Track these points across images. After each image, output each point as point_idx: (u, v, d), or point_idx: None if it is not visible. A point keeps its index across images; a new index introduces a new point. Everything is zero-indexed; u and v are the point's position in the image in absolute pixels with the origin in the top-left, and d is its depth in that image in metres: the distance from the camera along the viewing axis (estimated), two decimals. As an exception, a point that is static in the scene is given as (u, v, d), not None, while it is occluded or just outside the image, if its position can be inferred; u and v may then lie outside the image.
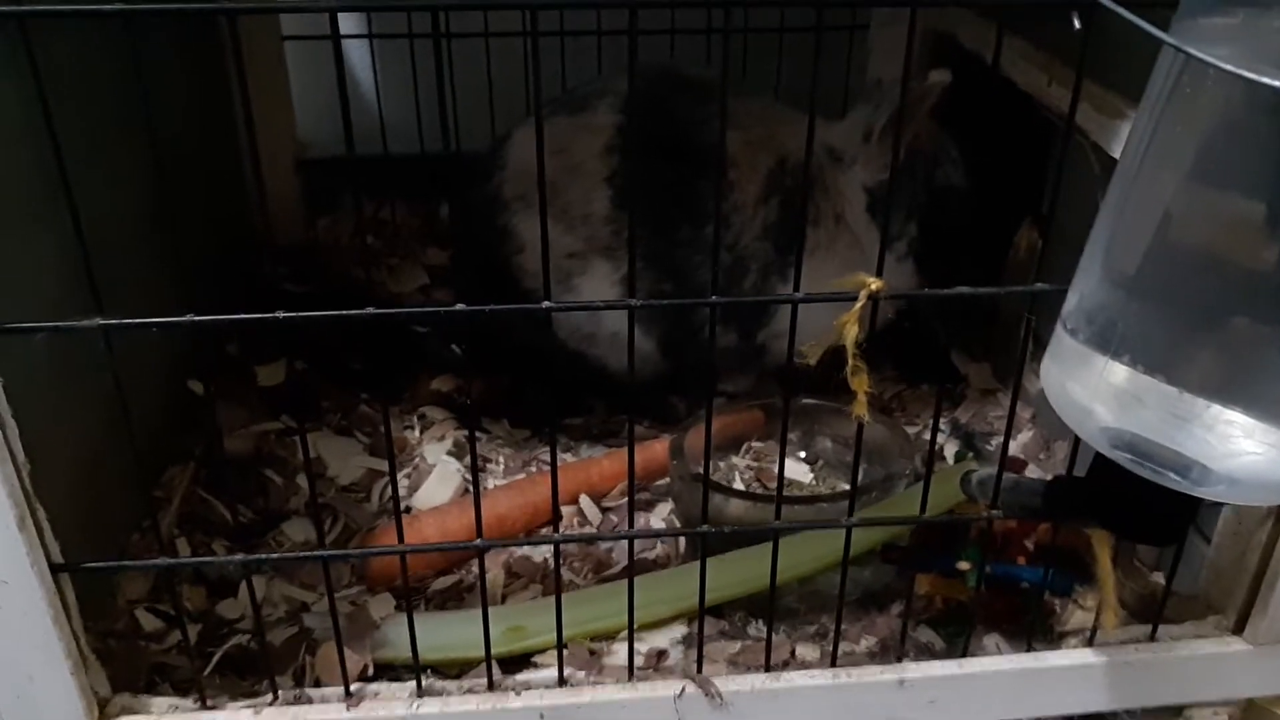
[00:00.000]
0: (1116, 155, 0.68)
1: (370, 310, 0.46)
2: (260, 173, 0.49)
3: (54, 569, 0.50)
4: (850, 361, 0.48)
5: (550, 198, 0.84)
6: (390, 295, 1.08)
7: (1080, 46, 0.45)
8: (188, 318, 0.44)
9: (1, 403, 0.46)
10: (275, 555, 0.67)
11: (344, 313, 0.46)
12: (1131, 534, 0.49)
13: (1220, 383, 0.43)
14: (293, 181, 1.13)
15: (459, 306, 0.46)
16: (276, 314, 0.45)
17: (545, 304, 0.47)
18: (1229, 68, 0.33)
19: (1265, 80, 0.32)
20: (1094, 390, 0.45)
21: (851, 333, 0.48)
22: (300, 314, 0.45)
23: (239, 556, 0.51)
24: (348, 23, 1.12)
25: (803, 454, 0.83)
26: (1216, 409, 0.43)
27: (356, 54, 1.14)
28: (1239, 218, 0.42)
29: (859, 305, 0.47)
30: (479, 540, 0.52)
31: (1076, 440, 0.52)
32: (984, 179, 0.88)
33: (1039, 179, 0.88)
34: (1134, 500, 0.47)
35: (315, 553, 0.51)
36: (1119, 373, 0.44)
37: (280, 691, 0.55)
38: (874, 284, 0.47)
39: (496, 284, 0.90)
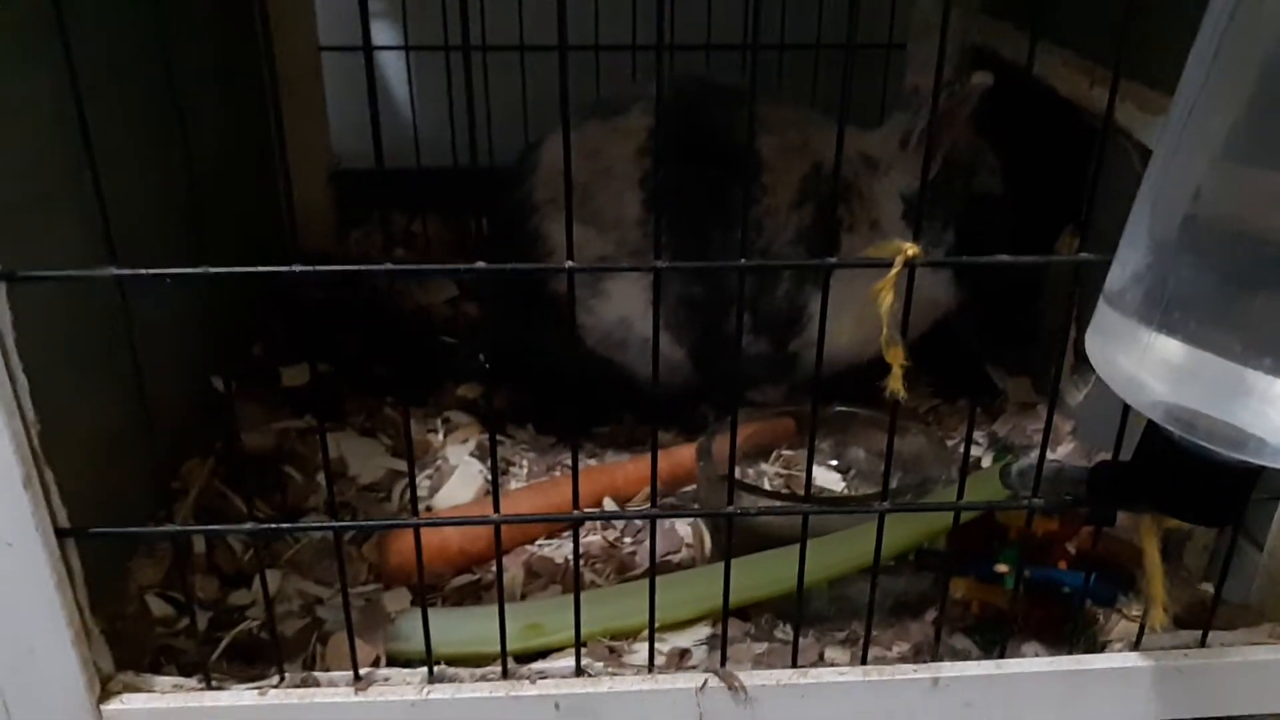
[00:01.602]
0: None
1: (388, 265, 0.45)
2: (290, 182, 0.49)
3: (59, 533, 0.49)
4: (885, 331, 0.46)
5: (581, 201, 0.85)
6: (418, 306, 1.07)
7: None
8: (201, 269, 0.43)
9: (13, 356, 0.45)
10: (287, 525, 0.65)
11: (361, 267, 0.45)
12: (1185, 514, 0.46)
13: (1263, 353, 0.40)
14: (325, 192, 1.13)
15: (479, 265, 0.45)
16: (293, 268, 0.44)
17: (568, 264, 0.45)
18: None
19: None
20: (1143, 363, 0.43)
21: (887, 300, 0.46)
22: (316, 269, 0.44)
23: (248, 526, 0.49)
24: (383, 34, 1.13)
25: (834, 462, 0.81)
26: (1273, 381, 0.41)
27: (393, 67, 1.15)
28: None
29: (895, 271, 0.46)
30: (495, 515, 0.50)
31: (1122, 426, 0.50)
32: (1023, 187, 0.87)
33: (1080, 186, 0.86)
34: (1185, 480, 0.44)
35: (328, 524, 0.49)
36: (1169, 345, 0.42)
37: (287, 674, 0.53)
38: (910, 249, 0.45)
39: (525, 290, 0.89)
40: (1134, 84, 0.72)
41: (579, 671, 0.54)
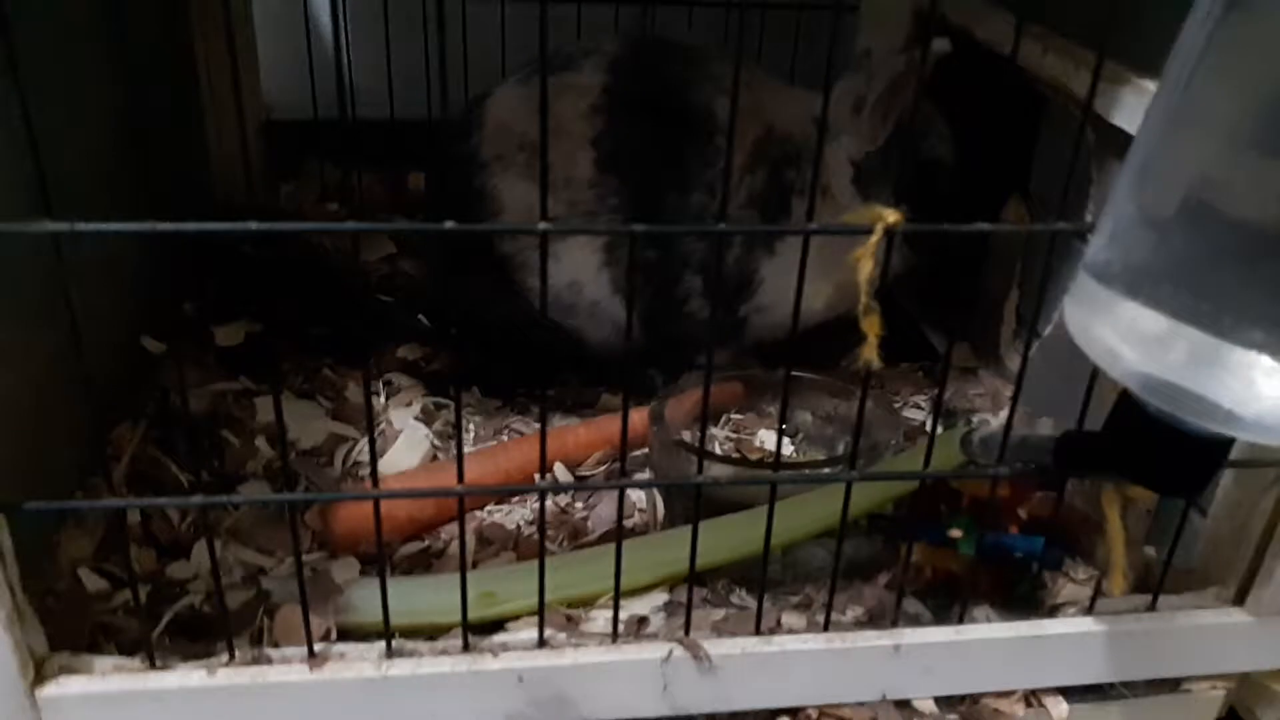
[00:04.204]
0: (1116, 123, 0.67)
1: (350, 224, 0.42)
2: (222, 133, 0.46)
3: (-11, 507, 0.46)
4: (864, 300, 0.46)
5: (530, 159, 0.82)
6: (354, 264, 1.04)
7: None
8: (149, 224, 0.40)
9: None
10: (238, 498, 0.62)
11: (325, 225, 0.42)
12: (1154, 484, 0.47)
13: (1254, 328, 0.41)
14: (256, 143, 1.09)
15: (449, 224, 0.43)
16: (249, 224, 0.41)
17: (541, 225, 0.44)
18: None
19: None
20: (1121, 333, 0.43)
21: (865, 268, 0.45)
22: (274, 225, 0.41)
23: (197, 499, 0.46)
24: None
25: (783, 427, 0.81)
26: (1246, 353, 0.41)
27: (327, 13, 1.10)
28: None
29: (875, 239, 0.45)
30: (458, 487, 0.48)
31: (1087, 395, 0.50)
32: (971, 153, 0.87)
33: (1027, 153, 0.87)
34: (1157, 451, 0.44)
35: (281, 496, 0.47)
36: (1146, 317, 0.42)
37: (237, 652, 0.51)
38: (891, 217, 0.45)
39: (470, 249, 0.87)
40: (1088, 53, 0.72)
41: (542, 643, 0.53)
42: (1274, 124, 0.39)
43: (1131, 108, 0.65)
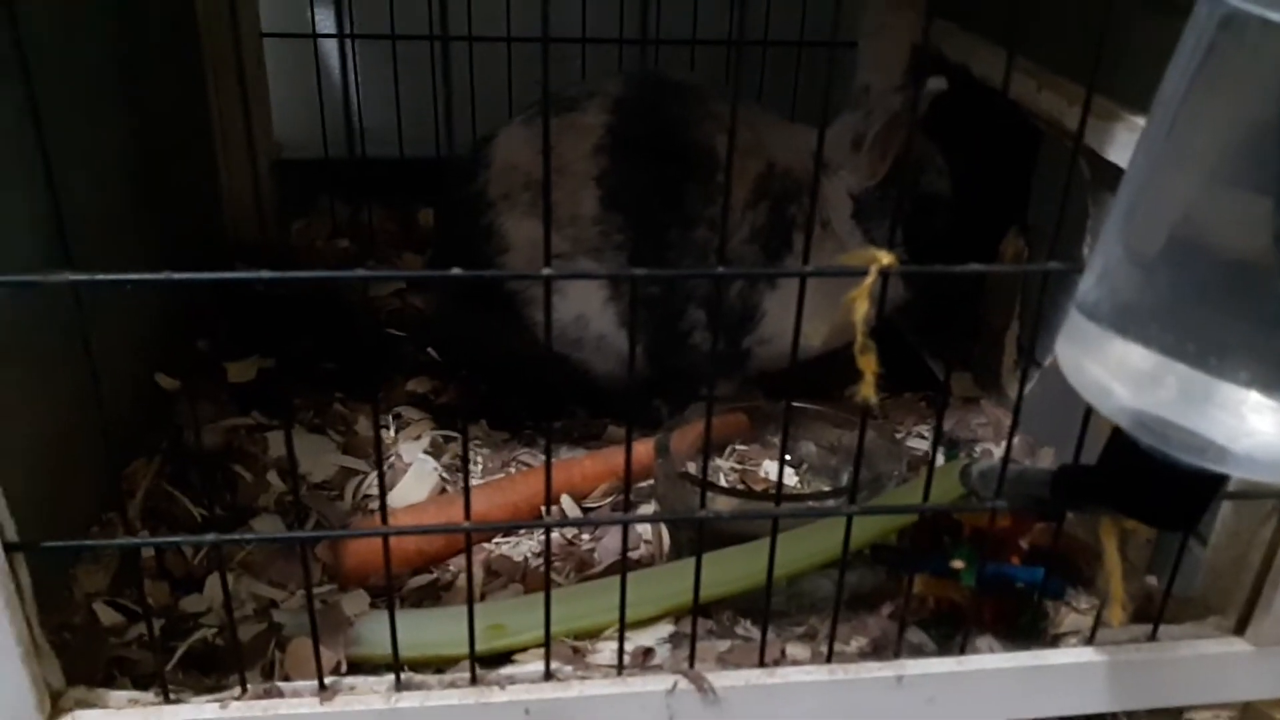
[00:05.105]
0: (1110, 158, 0.68)
1: (361, 272, 0.44)
2: (232, 172, 0.47)
3: (8, 548, 0.47)
4: (859, 339, 0.47)
5: (535, 198, 0.84)
6: (362, 298, 1.05)
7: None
8: (164, 275, 0.42)
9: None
10: (250, 537, 0.63)
11: (337, 274, 0.44)
12: (1148, 518, 0.48)
13: (1241, 365, 0.42)
14: (267, 181, 1.11)
15: (455, 271, 0.44)
16: (261, 273, 0.42)
17: (545, 271, 0.45)
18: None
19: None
20: (1111, 370, 0.44)
21: (861, 309, 0.46)
22: (287, 274, 0.43)
23: (210, 536, 0.47)
24: (327, 22, 1.10)
25: (787, 457, 0.82)
26: (1235, 389, 0.42)
27: (337, 54, 1.12)
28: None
29: (869, 280, 0.46)
30: (466, 523, 0.49)
31: (1083, 429, 0.51)
32: (969, 187, 0.88)
33: (1024, 187, 0.88)
34: (1150, 485, 0.45)
35: (293, 534, 0.48)
36: (1136, 354, 0.43)
37: (249, 685, 0.52)
38: (885, 258, 0.46)
39: (478, 286, 0.88)
40: (1080, 89, 0.73)
41: (548, 676, 0.54)
42: (1253, 161, 0.40)
43: (1124, 143, 0.66)
